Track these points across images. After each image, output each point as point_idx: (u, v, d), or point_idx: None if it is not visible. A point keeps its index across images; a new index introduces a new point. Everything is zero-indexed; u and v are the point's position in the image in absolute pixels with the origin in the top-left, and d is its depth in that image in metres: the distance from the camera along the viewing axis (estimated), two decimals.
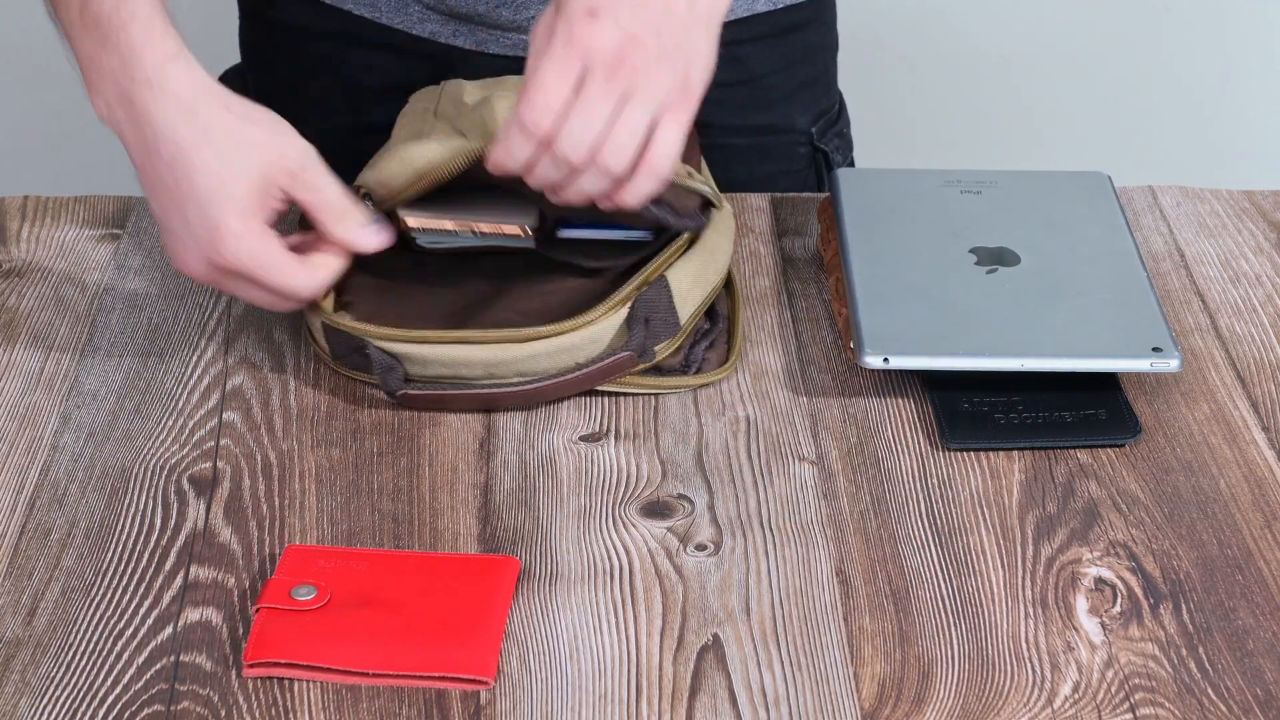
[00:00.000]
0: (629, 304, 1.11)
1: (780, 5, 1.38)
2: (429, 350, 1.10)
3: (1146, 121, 2.41)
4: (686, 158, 1.21)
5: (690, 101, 1.05)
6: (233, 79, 1.48)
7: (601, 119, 1.02)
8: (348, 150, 1.35)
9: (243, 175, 1.07)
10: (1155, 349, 1.11)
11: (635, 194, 1.06)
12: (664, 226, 1.14)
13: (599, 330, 1.10)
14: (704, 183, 1.17)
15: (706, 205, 1.17)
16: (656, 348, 1.12)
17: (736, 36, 1.34)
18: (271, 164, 1.08)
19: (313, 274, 1.10)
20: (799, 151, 1.43)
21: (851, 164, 1.48)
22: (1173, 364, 1.10)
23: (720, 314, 1.18)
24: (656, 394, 1.13)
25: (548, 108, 1.02)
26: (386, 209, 1.14)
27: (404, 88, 1.33)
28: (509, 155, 1.06)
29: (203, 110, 1.08)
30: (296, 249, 1.11)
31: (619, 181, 1.05)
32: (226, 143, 1.07)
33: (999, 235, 1.21)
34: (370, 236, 1.12)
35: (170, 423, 1.11)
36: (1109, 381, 1.13)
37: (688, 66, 1.04)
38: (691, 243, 1.16)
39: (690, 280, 1.14)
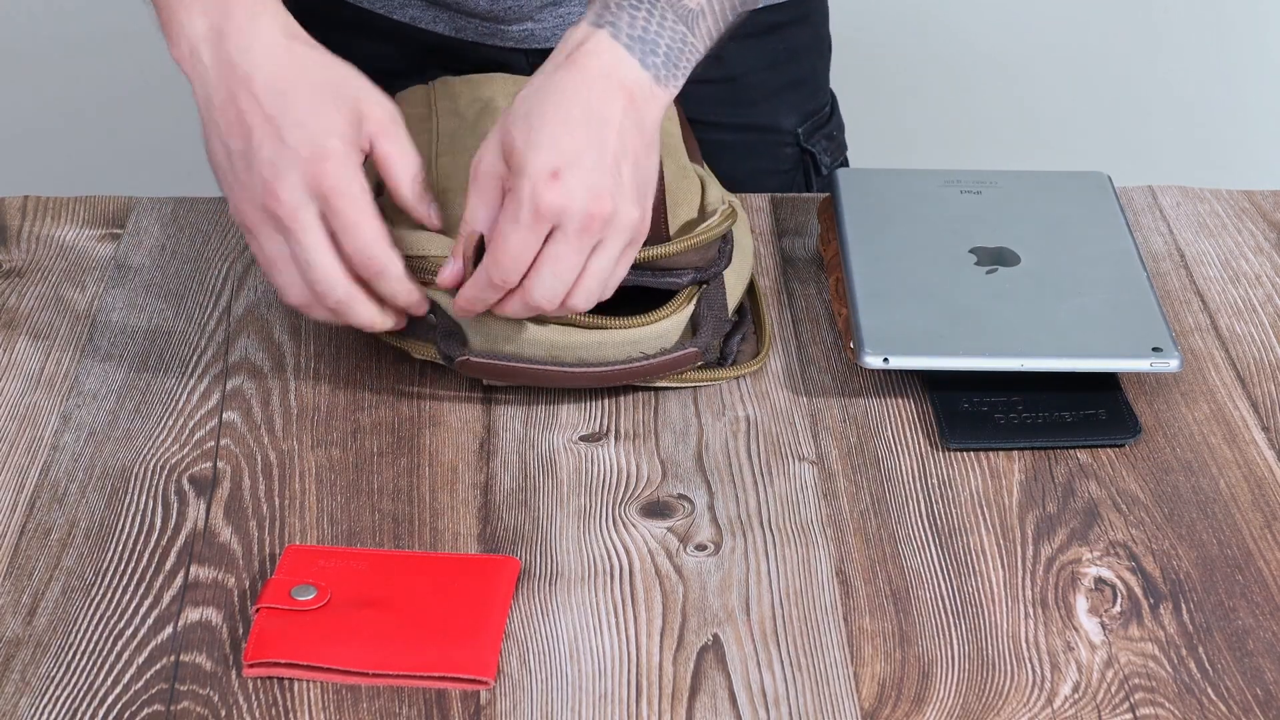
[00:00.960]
0: (694, 301, 1.11)
1: (760, 4, 1.38)
2: (496, 323, 1.09)
3: (1146, 121, 2.41)
4: (689, 155, 1.22)
5: (646, 227, 1.07)
6: None
7: (573, 271, 1.04)
8: None
9: (344, 106, 1.06)
10: (1155, 349, 1.11)
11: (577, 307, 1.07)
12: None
13: (666, 327, 1.10)
14: (719, 201, 1.16)
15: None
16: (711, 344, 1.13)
17: None
18: (367, 105, 1.07)
19: (385, 239, 1.06)
20: (785, 152, 1.43)
21: (844, 165, 1.48)
22: (1173, 364, 1.10)
23: (745, 307, 1.18)
24: (698, 386, 1.13)
25: (517, 269, 1.04)
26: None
27: (385, 72, 1.33)
28: (475, 302, 1.07)
29: (299, 48, 1.07)
30: None
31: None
32: (323, 76, 1.07)
33: (999, 235, 1.21)
34: (432, 212, 1.10)
35: (170, 423, 1.11)
36: (1109, 381, 1.13)
37: (648, 194, 1.06)
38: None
39: (735, 277, 1.15)
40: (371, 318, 1.09)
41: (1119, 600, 0.99)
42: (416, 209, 1.09)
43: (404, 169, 1.08)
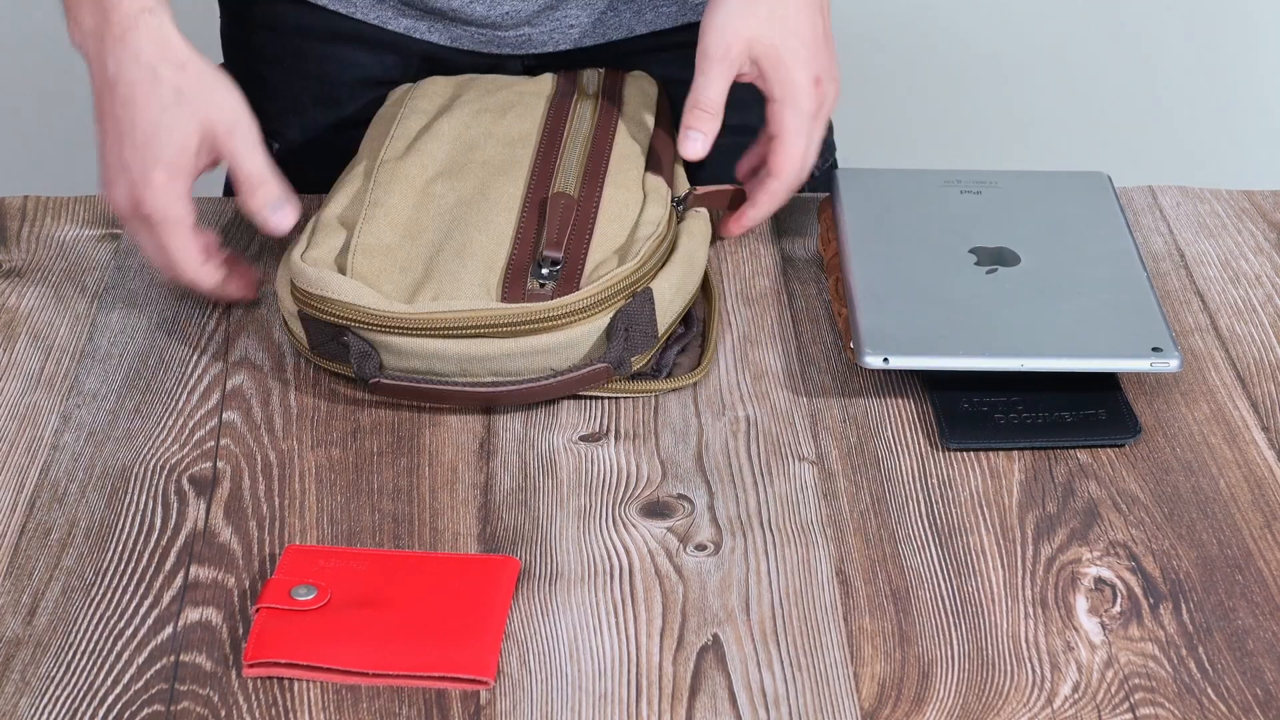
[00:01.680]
0: (611, 313, 1.11)
1: None
2: (405, 341, 1.09)
3: (1146, 121, 2.41)
4: (660, 162, 1.22)
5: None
6: None
7: (816, 152, 1.24)
8: (325, 145, 1.36)
9: (178, 132, 1.14)
10: (1155, 349, 1.11)
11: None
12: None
13: (577, 335, 1.10)
14: (653, 223, 1.18)
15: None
16: (633, 359, 1.11)
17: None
18: (206, 121, 1.15)
19: (201, 263, 1.17)
20: None
21: (833, 166, 1.47)
22: (1172, 364, 1.10)
23: (695, 318, 1.18)
24: (622, 398, 1.12)
25: (806, 167, 1.23)
26: None
27: (380, 83, 1.34)
28: (766, 211, 1.25)
29: (160, 64, 1.15)
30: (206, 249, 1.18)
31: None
32: (171, 99, 1.14)
33: (999, 235, 1.21)
34: (273, 217, 1.17)
35: (170, 423, 1.11)
36: (1109, 381, 1.13)
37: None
38: (671, 252, 1.16)
39: (673, 291, 1.14)
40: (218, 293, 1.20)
41: (1119, 600, 0.99)
42: (256, 219, 1.18)
43: (243, 180, 1.17)
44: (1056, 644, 0.96)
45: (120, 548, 1.02)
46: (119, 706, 0.92)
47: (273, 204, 1.17)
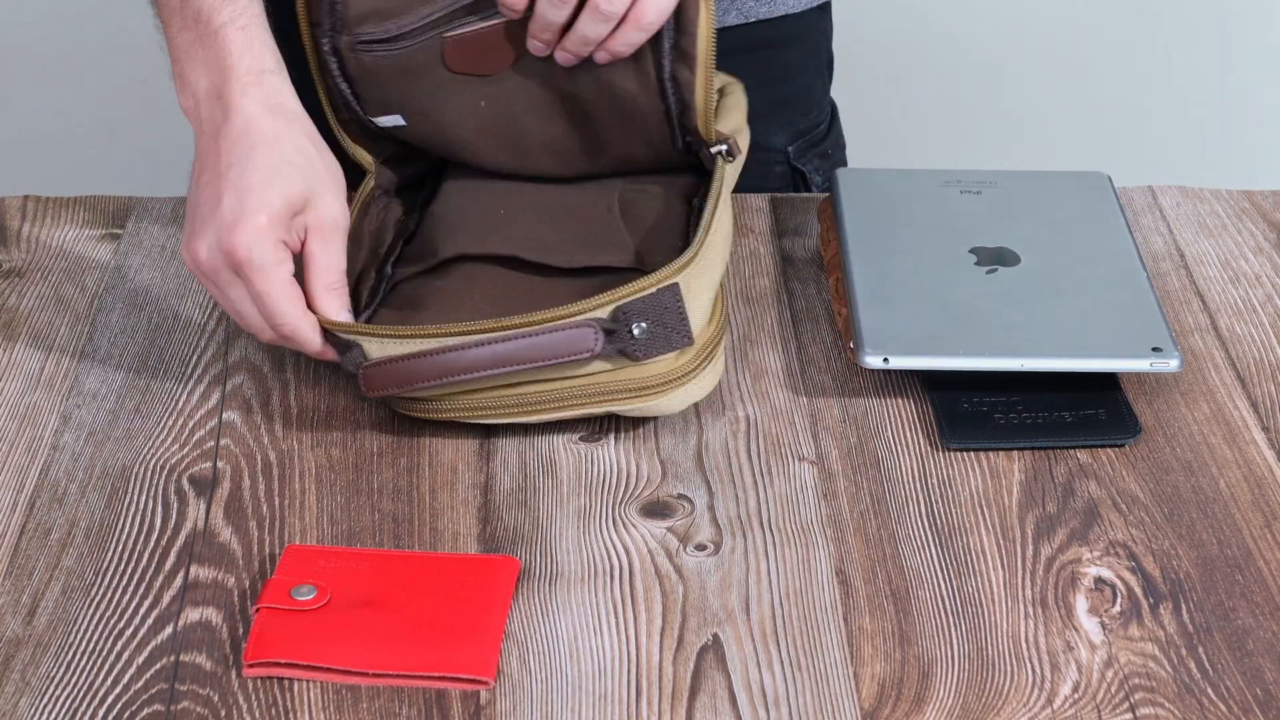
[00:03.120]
0: (610, 308, 1.06)
1: (752, 19, 1.37)
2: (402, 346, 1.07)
3: (1146, 121, 2.41)
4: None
5: None
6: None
7: None
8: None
9: (287, 190, 1.08)
10: (1155, 349, 1.11)
11: (625, 42, 1.13)
12: None
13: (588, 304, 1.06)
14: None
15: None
16: (667, 361, 1.07)
17: None
18: (315, 203, 1.10)
19: (304, 313, 1.09)
20: (774, 170, 1.42)
21: (836, 167, 1.46)
22: (1172, 364, 1.10)
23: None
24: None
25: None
26: None
27: None
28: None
29: (285, 123, 1.11)
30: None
31: (612, 28, 1.12)
32: (291, 157, 1.10)
33: (999, 235, 1.21)
34: (336, 312, 1.10)
35: (170, 422, 1.11)
36: (1109, 381, 1.13)
37: None
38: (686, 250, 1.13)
39: (704, 290, 1.09)
40: (310, 350, 1.11)
41: (1119, 600, 0.99)
42: (320, 307, 1.10)
43: (321, 272, 1.10)
44: (1056, 644, 0.96)
45: (120, 548, 1.02)
46: (119, 706, 0.92)
47: (342, 307, 1.11)
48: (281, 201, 1.08)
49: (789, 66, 1.41)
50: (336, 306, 1.10)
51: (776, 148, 1.42)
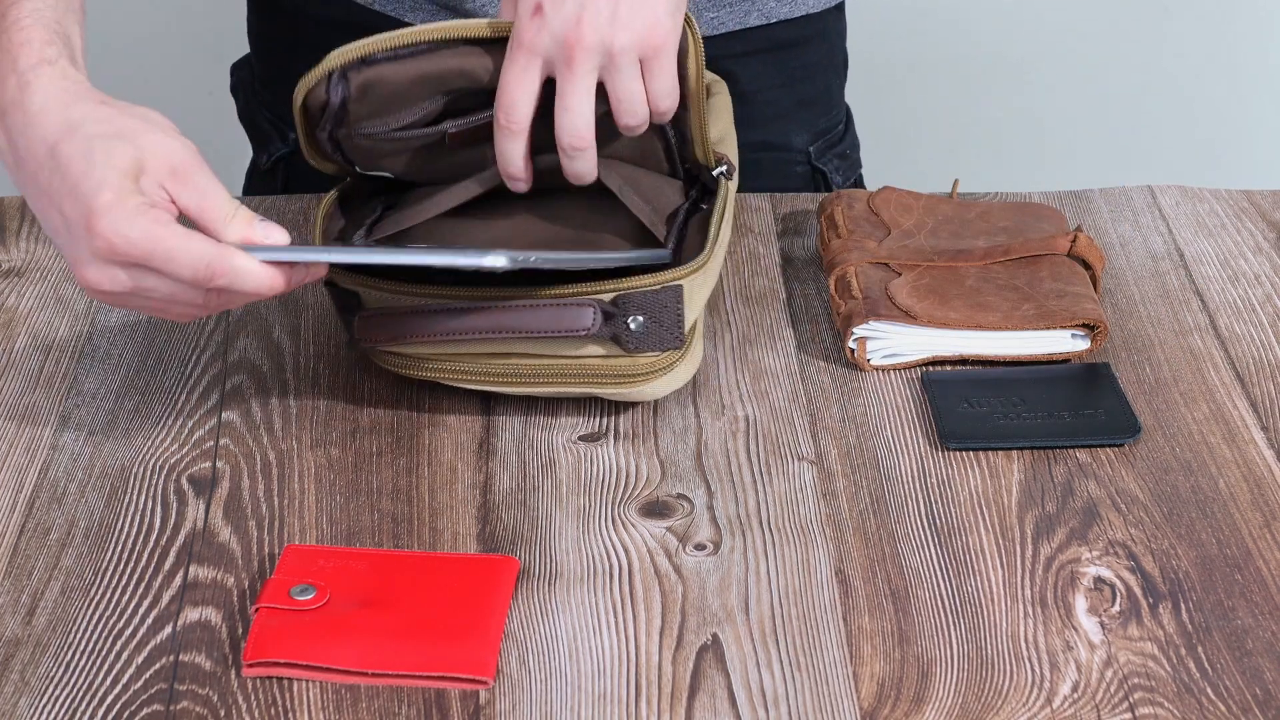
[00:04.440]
0: (612, 295, 1.06)
1: (774, 20, 1.37)
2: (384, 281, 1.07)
3: (1146, 121, 2.41)
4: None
5: (663, 35, 1.07)
6: (242, 68, 1.49)
7: (584, 103, 1.06)
8: None
9: (114, 159, 1.00)
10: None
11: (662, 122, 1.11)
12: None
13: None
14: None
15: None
16: (655, 354, 1.09)
17: (727, 51, 1.34)
18: (149, 155, 1.01)
19: (210, 242, 0.99)
20: (795, 170, 1.42)
21: (859, 183, 1.46)
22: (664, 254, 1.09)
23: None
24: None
25: (515, 104, 1.07)
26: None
27: None
28: (510, 163, 1.08)
29: (74, 105, 1.02)
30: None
31: (644, 124, 1.09)
32: (98, 130, 1.01)
33: None
34: (267, 230, 1.02)
35: (170, 422, 1.11)
36: (1108, 382, 1.13)
37: (648, 8, 1.07)
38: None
39: (701, 298, 1.10)
40: (257, 285, 1.02)
41: (1118, 600, 0.99)
42: (249, 240, 1.01)
43: (213, 212, 1.01)
44: (1056, 643, 0.96)
45: (119, 547, 1.02)
46: (118, 706, 0.92)
47: (256, 220, 1.02)
48: (112, 173, 0.99)
49: (810, 66, 1.41)
50: (243, 230, 1.01)
51: (798, 148, 1.41)
